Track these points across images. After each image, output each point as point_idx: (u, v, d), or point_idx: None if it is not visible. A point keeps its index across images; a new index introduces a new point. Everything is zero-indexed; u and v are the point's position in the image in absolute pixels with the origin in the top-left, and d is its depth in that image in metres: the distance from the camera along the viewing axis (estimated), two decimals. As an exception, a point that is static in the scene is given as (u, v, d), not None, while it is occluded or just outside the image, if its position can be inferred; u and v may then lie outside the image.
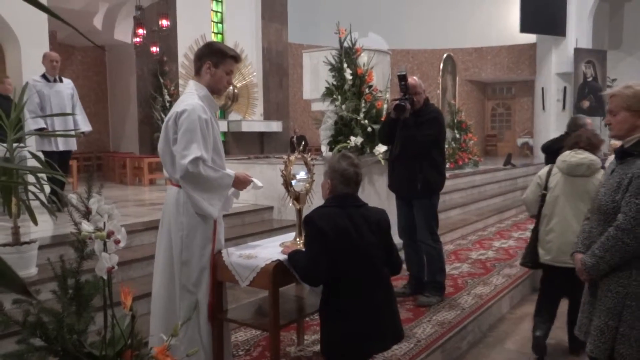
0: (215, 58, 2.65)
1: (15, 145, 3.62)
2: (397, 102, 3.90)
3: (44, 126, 5.82)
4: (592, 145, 3.46)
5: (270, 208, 6.20)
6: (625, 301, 2.11)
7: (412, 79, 4.04)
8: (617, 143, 2.38)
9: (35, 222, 3.56)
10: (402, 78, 3.91)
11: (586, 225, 2.36)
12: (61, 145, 6.05)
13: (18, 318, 1.71)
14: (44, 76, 5.99)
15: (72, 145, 6.26)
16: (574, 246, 2.42)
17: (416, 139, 3.95)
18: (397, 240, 3.64)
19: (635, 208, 2.05)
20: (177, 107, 2.59)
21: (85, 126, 6.27)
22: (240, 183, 2.71)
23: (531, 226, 3.77)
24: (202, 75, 2.68)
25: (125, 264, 3.97)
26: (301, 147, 2.84)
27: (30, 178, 3.80)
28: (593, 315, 2.23)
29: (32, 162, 3.73)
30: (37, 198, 3.55)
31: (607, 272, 2.16)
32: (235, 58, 2.72)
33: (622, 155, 2.19)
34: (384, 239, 2.57)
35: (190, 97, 2.62)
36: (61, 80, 6.14)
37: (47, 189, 3.61)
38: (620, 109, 2.18)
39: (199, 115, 2.52)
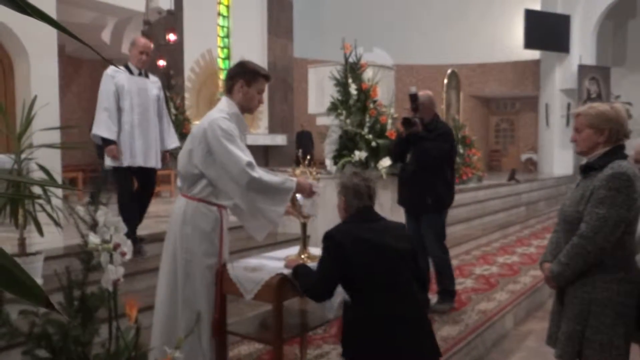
0: (248, 77, 2.69)
1: (23, 157, 3.66)
2: (405, 117, 3.97)
3: (112, 138, 4.37)
4: (636, 161, 3.72)
5: (274, 221, 6.19)
6: (590, 307, 2.22)
7: (423, 92, 4.14)
8: None
9: (41, 233, 3.59)
10: (413, 97, 3.96)
11: (554, 237, 2.48)
12: (140, 159, 4.47)
13: (24, 329, 1.72)
14: (126, 67, 4.60)
15: (155, 161, 4.58)
16: (542, 257, 2.53)
17: (431, 152, 4.00)
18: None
19: (595, 217, 2.17)
20: (205, 120, 2.64)
21: (171, 141, 4.75)
22: (304, 189, 2.65)
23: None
24: (234, 94, 2.72)
25: (129, 275, 3.97)
26: (306, 162, 2.85)
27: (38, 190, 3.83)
28: (561, 322, 2.34)
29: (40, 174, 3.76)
30: (44, 209, 3.58)
31: (573, 280, 2.27)
32: (267, 77, 2.77)
33: (586, 169, 2.32)
34: (409, 249, 2.49)
35: (217, 112, 2.66)
36: (147, 76, 4.68)
37: (57, 201, 3.62)
38: (584, 127, 2.31)
39: (228, 124, 2.57)
